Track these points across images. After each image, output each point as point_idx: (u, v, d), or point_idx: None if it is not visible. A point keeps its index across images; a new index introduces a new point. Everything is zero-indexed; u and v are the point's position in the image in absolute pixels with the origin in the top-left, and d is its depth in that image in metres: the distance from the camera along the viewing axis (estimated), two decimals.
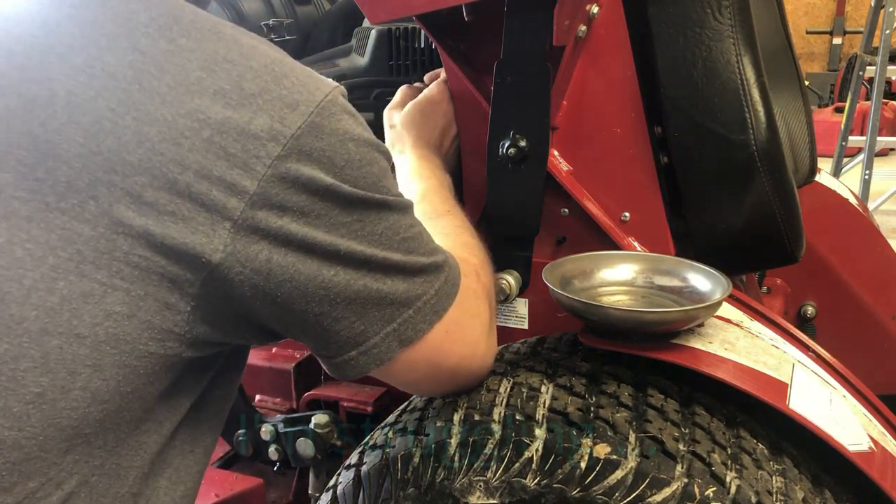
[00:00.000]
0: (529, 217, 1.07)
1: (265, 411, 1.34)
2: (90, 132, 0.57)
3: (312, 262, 0.65)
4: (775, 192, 1.01)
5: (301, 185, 0.62)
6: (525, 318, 1.14)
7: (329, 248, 0.65)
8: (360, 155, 0.67)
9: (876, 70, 4.58)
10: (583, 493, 0.78)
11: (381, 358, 0.73)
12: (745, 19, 1.01)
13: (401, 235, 0.72)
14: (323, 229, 0.65)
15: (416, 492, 0.86)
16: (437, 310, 0.76)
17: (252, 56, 0.63)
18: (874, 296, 1.65)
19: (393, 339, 0.73)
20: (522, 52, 1.00)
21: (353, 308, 0.69)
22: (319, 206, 0.64)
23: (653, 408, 0.86)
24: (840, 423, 0.86)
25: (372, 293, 0.70)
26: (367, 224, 0.69)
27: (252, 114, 0.60)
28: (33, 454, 0.58)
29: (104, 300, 0.58)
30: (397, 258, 0.71)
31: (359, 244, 0.68)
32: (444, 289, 0.76)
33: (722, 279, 0.92)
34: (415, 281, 0.73)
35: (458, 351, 0.81)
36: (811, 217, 1.27)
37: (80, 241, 0.57)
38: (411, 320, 0.73)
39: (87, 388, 0.59)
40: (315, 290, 0.66)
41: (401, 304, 0.72)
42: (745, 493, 0.77)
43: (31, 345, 0.57)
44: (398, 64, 1.26)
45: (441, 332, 0.76)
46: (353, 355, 0.72)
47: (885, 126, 6.22)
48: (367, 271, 0.69)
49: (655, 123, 1.05)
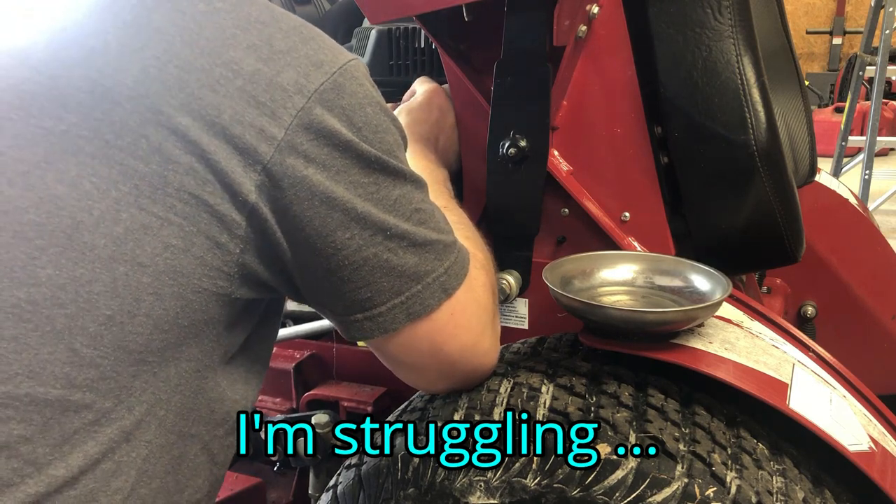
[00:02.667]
0: (529, 217, 1.07)
1: (265, 411, 1.34)
2: (138, 78, 0.63)
3: (331, 220, 0.68)
4: (775, 192, 1.01)
5: (324, 136, 0.67)
6: (525, 318, 1.14)
7: (347, 205, 0.69)
8: (378, 120, 0.71)
9: (876, 70, 4.58)
10: (583, 493, 0.78)
11: (385, 327, 0.76)
12: (745, 19, 1.01)
13: (414, 206, 0.74)
14: (343, 185, 0.68)
15: (416, 492, 0.86)
16: (447, 288, 0.77)
17: (282, 19, 0.69)
18: (874, 296, 1.65)
19: (400, 310, 0.75)
20: (522, 52, 1.00)
21: (361, 274, 0.72)
22: (340, 162, 0.68)
23: (653, 408, 0.86)
24: (840, 423, 0.86)
25: (382, 262, 0.72)
26: (383, 188, 0.71)
27: (280, 68, 0.66)
28: (107, 374, 0.63)
29: (161, 232, 0.63)
30: (409, 227, 0.73)
31: (374, 207, 0.71)
32: (453, 268, 0.78)
33: (722, 279, 0.92)
34: (426, 256, 0.75)
35: (462, 337, 0.82)
36: (811, 217, 1.27)
37: (137, 176, 0.62)
38: (420, 294, 0.75)
39: (150, 314, 0.64)
40: (326, 248, 0.69)
41: (410, 278, 0.74)
42: (746, 492, 0.77)
43: (102, 270, 0.62)
44: (398, 64, 1.26)
45: (447, 313, 0.78)
46: (360, 318, 0.75)
47: (885, 126, 6.23)
48: (381, 239, 0.71)
49: (655, 123, 1.05)
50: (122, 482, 0.65)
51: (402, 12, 1.00)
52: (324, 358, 1.36)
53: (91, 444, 0.63)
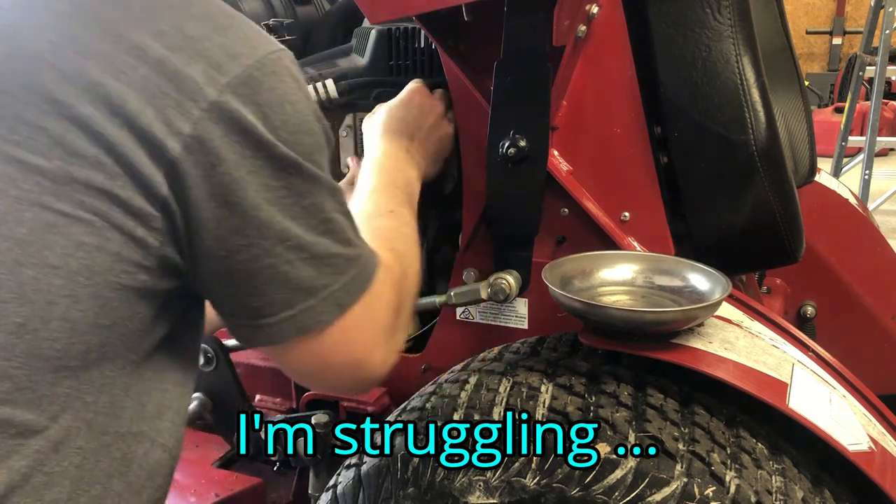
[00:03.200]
0: (529, 217, 1.07)
1: (265, 411, 1.34)
2: (33, 66, 0.58)
3: (229, 223, 0.64)
4: (775, 192, 1.01)
5: (235, 133, 0.62)
6: (525, 318, 1.14)
7: (250, 212, 0.64)
8: (298, 119, 0.67)
9: (876, 70, 4.58)
10: (583, 493, 0.78)
11: (272, 339, 0.71)
12: (745, 19, 1.01)
13: (324, 215, 0.70)
14: (252, 188, 0.64)
15: (416, 491, 0.86)
16: (341, 304, 0.73)
17: (197, 3, 0.64)
18: (874, 296, 1.65)
19: (290, 324, 0.71)
20: (522, 52, 1.00)
21: (253, 283, 0.68)
22: (251, 162, 0.64)
23: (652, 407, 0.86)
24: (840, 423, 0.86)
25: (277, 274, 0.68)
26: (294, 194, 0.67)
27: (190, 57, 0.61)
28: (24, 384, 0.60)
29: (70, 231, 0.59)
30: (312, 239, 0.69)
31: (280, 214, 0.66)
32: (352, 284, 0.73)
33: (722, 279, 0.92)
34: (324, 269, 0.71)
35: (352, 352, 0.78)
36: (811, 217, 1.27)
37: (38, 172, 0.58)
38: (312, 310, 0.71)
39: (66, 318, 0.60)
40: (219, 250, 0.66)
41: (304, 292, 0.70)
42: (745, 492, 0.77)
43: (7, 276, 0.58)
44: (398, 64, 1.25)
45: (339, 329, 0.74)
46: (246, 325, 0.71)
47: (885, 126, 6.22)
48: (281, 250, 0.67)
49: (655, 123, 1.05)
50: (56, 493, 0.62)
51: (402, 12, 1.00)
52: None
53: (16, 458, 0.60)
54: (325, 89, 1.22)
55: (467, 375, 0.97)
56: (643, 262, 1.01)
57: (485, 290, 1.07)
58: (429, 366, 1.25)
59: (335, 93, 1.22)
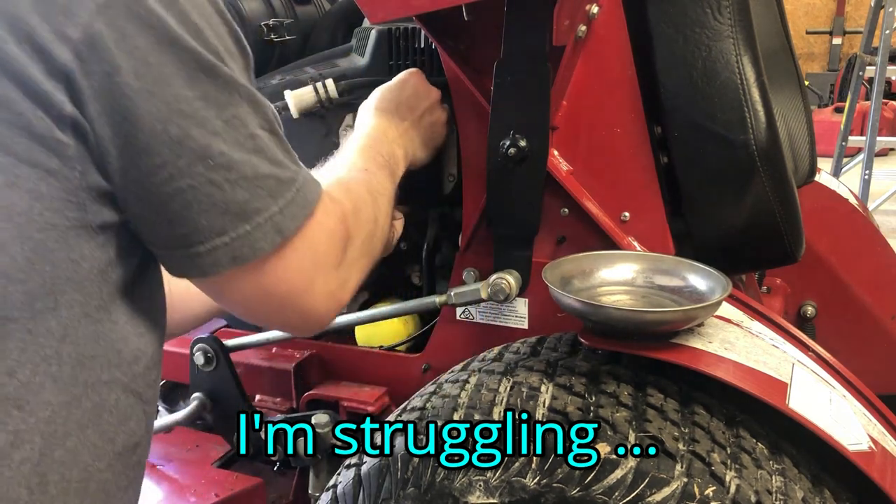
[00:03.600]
0: (529, 217, 1.07)
1: (265, 411, 1.34)
2: None
3: (139, 141, 0.58)
4: (775, 192, 1.01)
5: (135, 31, 0.56)
6: (525, 318, 1.14)
7: (157, 126, 0.58)
8: (212, 19, 0.61)
9: (876, 70, 4.58)
10: (582, 493, 0.78)
11: (206, 269, 0.66)
12: (745, 19, 1.01)
13: (248, 131, 0.64)
14: (158, 100, 0.58)
15: (416, 491, 0.86)
16: (281, 229, 0.68)
17: None
18: (874, 296, 1.65)
19: (223, 252, 0.65)
20: (522, 52, 1.00)
21: (173, 208, 0.62)
22: (156, 69, 0.57)
23: (652, 407, 0.86)
24: (840, 423, 0.86)
25: (200, 197, 0.62)
26: (211, 104, 0.61)
27: None
28: None
29: None
30: (238, 157, 0.63)
31: (198, 128, 0.60)
32: (290, 208, 0.68)
33: (722, 279, 0.92)
34: (255, 192, 0.65)
35: (293, 283, 0.72)
36: (811, 217, 1.27)
37: None
38: (249, 236, 0.66)
39: None
40: (133, 174, 0.60)
41: (235, 217, 0.64)
42: (745, 492, 0.77)
43: None
44: (398, 64, 1.26)
45: (278, 257, 0.69)
46: (178, 255, 0.66)
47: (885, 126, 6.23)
48: (202, 169, 0.61)
49: (655, 123, 1.05)
50: (26, 452, 0.59)
51: (402, 12, 1.00)
52: (324, 358, 1.36)
53: None
54: (325, 89, 1.22)
55: (467, 375, 0.97)
56: (643, 262, 1.01)
57: (485, 290, 1.07)
58: (429, 366, 1.25)
59: (335, 93, 1.23)
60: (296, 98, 1.21)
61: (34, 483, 0.60)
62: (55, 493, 0.62)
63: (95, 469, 0.66)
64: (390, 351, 1.33)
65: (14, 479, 0.59)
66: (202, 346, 1.26)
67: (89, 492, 0.65)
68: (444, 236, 1.31)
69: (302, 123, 1.24)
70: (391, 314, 1.21)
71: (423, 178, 1.20)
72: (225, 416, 1.30)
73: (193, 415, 1.29)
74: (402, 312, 1.21)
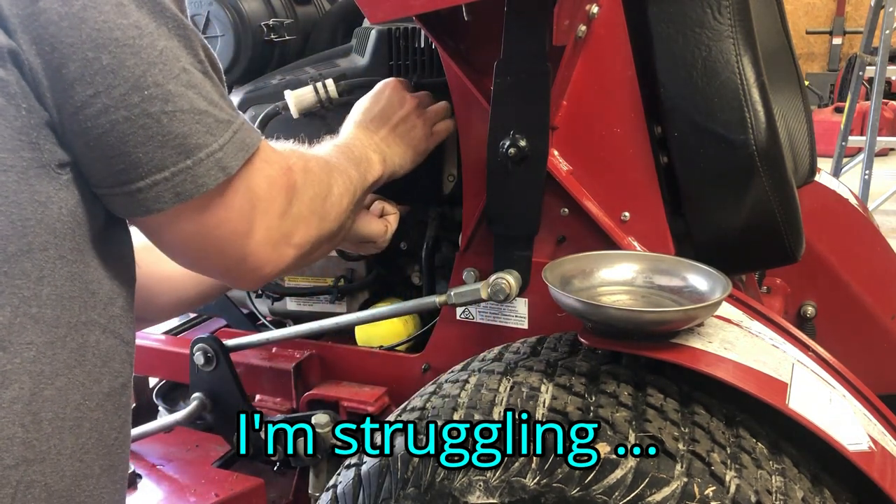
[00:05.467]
0: (529, 217, 1.07)
1: (265, 411, 1.34)
2: None
3: (68, 71, 0.57)
4: (775, 192, 1.01)
5: None
6: (525, 318, 1.15)
7: (90, 53, 0.57)
8: None
9: (876, 70, 4.58)
10: (582, 493, 0.78)
11: (148, 206, 0.65)
12: (745, 19, 1.01)
13: (181, 65, 0.63)
14: (89, 26, 0.56)
15: (416, 491, 0.86)
16: (224, 166, 0.67)
17: None
18: (874, 296, 1.65)
19: (164, 187, 0.64)
20: (522, 52, 1.00)
21: (108, 140, 0.61)
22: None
23: (652, 407, 0.86)
24: (840, 423, 0.86)
25: (137, 129, 0.61)
26: (146, 35, 0.59)
27: None
28: None
29: None
30: (174, 89, 0.62)
31: (132, 57, 0.58)
32: (230, 146, 0.68)
33: (722, 279, 0.92)
34: (194, 127, 0.64)
35: (234, 224, 0.72)
36: (811, 217, 1.27)
37: None
38: (190, 171, 0.65)
39: None
40: (65, 104, 0.59)
41: (175, 150, 0.63)
42: (745, 492, 0.77)
43: None
44: (398, 64, 1.26)
45: (220, 195, 0.69)
46: (119, 192, 0.65)
47: (885, 126, 6.23)
48: (137, 100, 0.60)
49: (655, 123, 1.05)
50: (16, 391, 0.60)
51: (402, 12, 0.99)
52: (324, 358, 1.36)
53: None
54: (325, 89, 1.22)
55: (467, 375, 0.97)
56: (643, 262, 1.02)
57: (485, 290, 1.07)
58: (429, 366, 1.25)
59: (335, 93, 1.23)
60: (296, 98, 1.21)
61: (27, 421, 0.61)
62: (50, 430, 0.63)
63: (87, 408, 0.67)
64: (390, 351, 1.33)
65: (7, 418, 0.60)
66: (202, 346, 1.27)
67: (83, 430, 0.66)
68: (444, 236, 1.31)
69: (302, 123, 1.24)
70: (391, 314, 1.21)
71: (423, 178, 1.20)
72: (225, 416, 1.30)
73: (193, 415, 1.29)
74: (402, 312, 1.21)
